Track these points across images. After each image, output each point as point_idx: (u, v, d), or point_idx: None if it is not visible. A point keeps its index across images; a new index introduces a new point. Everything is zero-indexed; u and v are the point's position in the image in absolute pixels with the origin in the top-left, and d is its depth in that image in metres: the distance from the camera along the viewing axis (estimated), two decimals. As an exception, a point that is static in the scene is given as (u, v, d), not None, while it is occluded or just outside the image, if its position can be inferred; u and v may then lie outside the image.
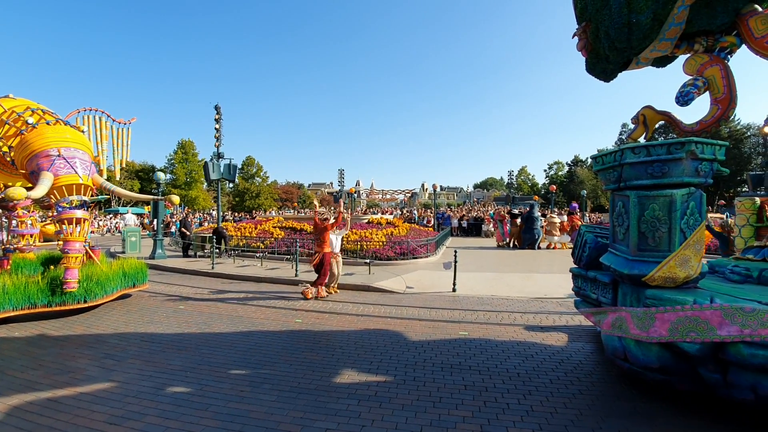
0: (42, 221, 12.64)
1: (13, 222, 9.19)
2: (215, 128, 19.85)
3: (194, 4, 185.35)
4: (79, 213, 6.82)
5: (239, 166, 51.54)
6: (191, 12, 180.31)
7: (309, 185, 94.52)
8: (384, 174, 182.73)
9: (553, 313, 7.34)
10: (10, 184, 8.04)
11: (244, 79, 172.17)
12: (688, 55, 4.65)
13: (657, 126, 5.14)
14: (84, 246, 7.14)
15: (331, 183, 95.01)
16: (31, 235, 9.37)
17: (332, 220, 9.02)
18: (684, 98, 4.33)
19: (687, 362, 3.64)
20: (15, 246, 9.04)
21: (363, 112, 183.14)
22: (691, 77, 4.45)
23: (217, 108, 19.74)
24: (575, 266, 5.91)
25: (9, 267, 8.37)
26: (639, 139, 4.97)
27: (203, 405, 3.85)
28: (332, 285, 9.08)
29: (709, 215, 20.01)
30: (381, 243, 14.07)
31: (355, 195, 44.09)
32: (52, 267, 7.82)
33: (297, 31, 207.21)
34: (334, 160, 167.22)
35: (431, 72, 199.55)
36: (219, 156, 20.00)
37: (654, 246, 4.06)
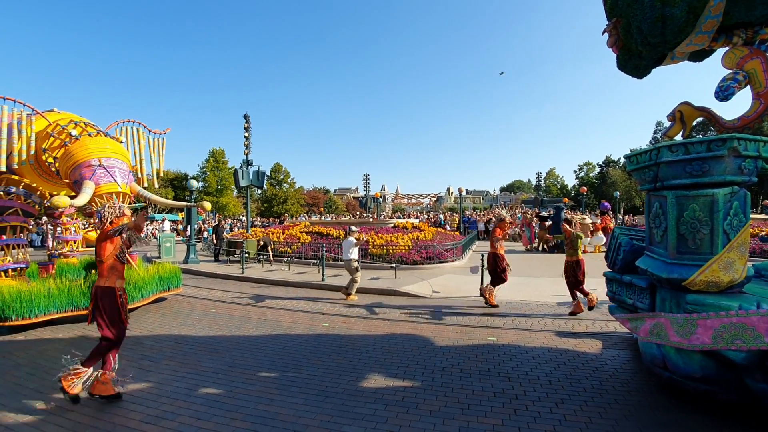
0: (84, 228, 13.30)
1: (58, 229, 9.74)
2: (244, 136, 20.43)
3: (222, 15, 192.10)
4: (118, 220, 7.12)
5: (267, 173, 52.87)
6: (221, 22, 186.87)
7: (335, 190, 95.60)
8: (409, 178, 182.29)
9: (585, 319, 7.10)
10: (54, 192, 8.51)
11: (271, 87, 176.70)
12: (727, 48, 4.44)
13: (694, 123, 4.91)
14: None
15: (357, 188, 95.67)
16: (75, 241, 9.91)
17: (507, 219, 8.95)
18: (724, 93, 4.13)
19: (732, 371, 3.44)
20: (59, 251, 9.59)
21: (389, 118, 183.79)
22: (730, 71, 4.24)
23: (246, 117, 20.33)
24: (609, 270, 5.71)
25: (54, 271, 8.86)
26: (676, 137, 4.77)
27: (234, 407, 3.94)
28: (352, 292, 8.96)
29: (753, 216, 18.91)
30: (407, 247, 14.01)
31: (381, 199, 44.17)
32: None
33: (324, 39, 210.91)
34: (360, 165, 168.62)
35: (458, 77, 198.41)
36: (248, 163, 20.56)
37: (694, 248, 3.87)
